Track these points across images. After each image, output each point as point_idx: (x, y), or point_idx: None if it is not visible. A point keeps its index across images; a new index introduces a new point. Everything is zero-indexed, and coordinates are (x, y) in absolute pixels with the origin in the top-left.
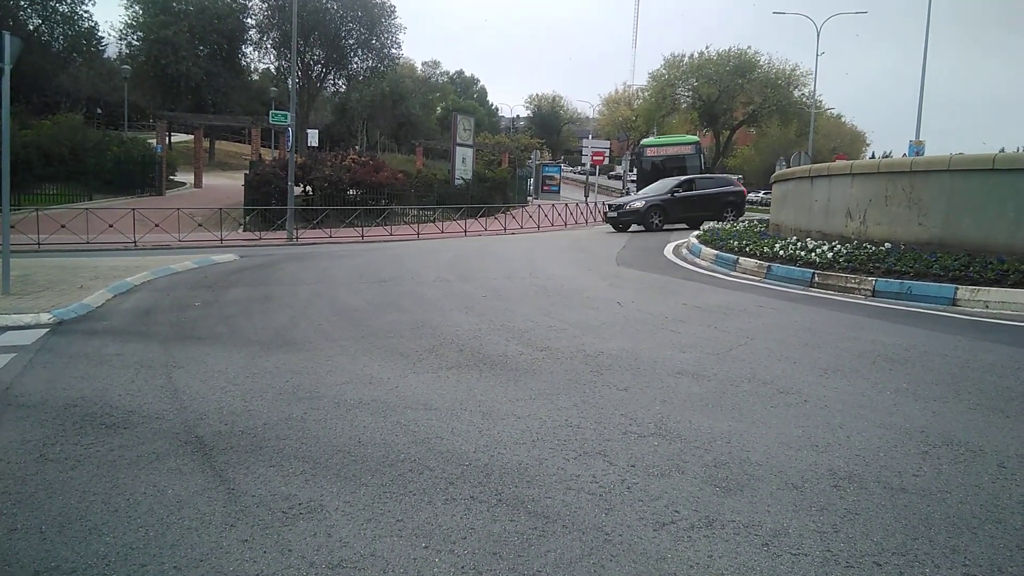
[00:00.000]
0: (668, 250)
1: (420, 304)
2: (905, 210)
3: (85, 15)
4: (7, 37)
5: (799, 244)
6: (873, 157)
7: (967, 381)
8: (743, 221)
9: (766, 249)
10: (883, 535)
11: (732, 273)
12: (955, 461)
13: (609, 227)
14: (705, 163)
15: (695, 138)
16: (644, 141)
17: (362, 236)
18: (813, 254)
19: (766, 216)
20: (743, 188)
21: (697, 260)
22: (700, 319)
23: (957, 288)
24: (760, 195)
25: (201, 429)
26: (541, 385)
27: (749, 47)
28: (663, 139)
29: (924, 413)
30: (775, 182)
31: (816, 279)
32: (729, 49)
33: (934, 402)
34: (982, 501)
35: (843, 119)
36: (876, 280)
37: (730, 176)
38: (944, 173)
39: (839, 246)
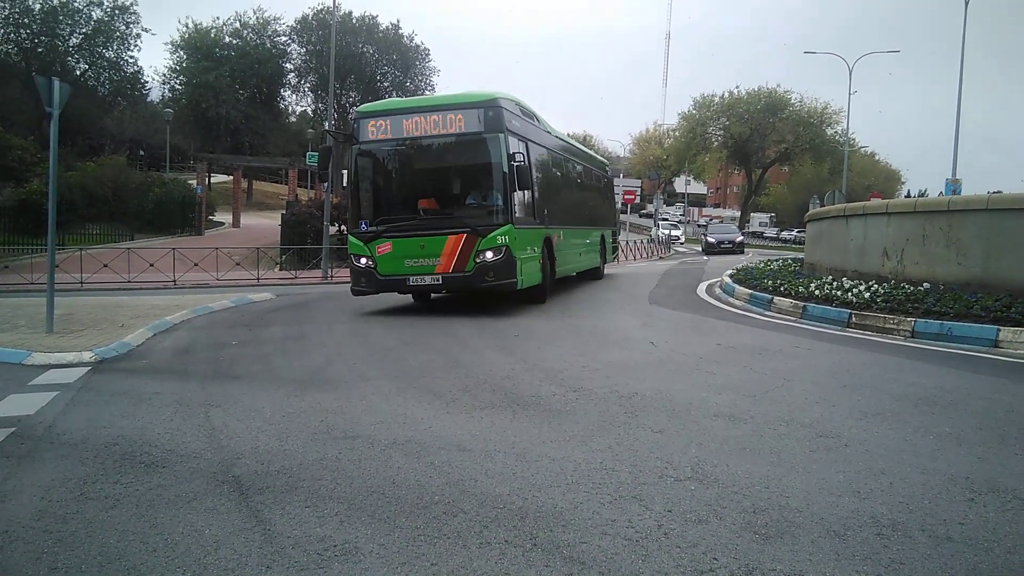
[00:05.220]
0: (701, 289)
1: (453, 342)
2: (943, 250)
3: (131, 60)
4: (56, 83)
5: (835, 283)
6: (908, 195)
7: (1013, 426)
8: (777, 260)
9: (801, 288)
10: None
11: (767, 313)
12: (1002, 509)
13: (640, 265)
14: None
15: (493, 94)
16: (362, 108)
17: None
18: (850, 294)
19: (800, 255)
20: None
21: (731, 299)
22: (735, 360)
23: (999, 329)
24: (794, 233)
25: (238, 469)
26: (575, 427)
27: (779, 85)
28: (410, 101)
29: (969, 459)
30: (809, 221)
31: (853, 319)
32: (760, 88)
33: (979, 447)
34: None
35: (877, 157)
36: (915, 321)
37: None
38: (983, 212)
39: (876, 286)
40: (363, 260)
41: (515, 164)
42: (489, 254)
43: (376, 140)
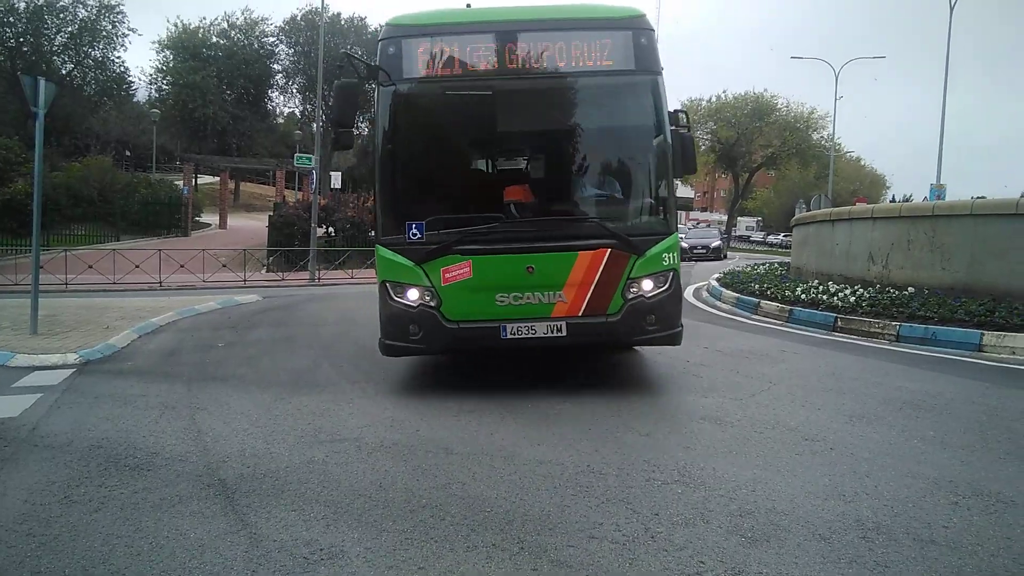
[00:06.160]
0: (688, 292)
1: None
2: (928, 254)
3: (117, 60)
4: (42, 83)
5: (821, 288)
6: (893, 200)
7: (996, 429)
8: (763, 264)
9: (788, 292)
10: None
11: (753, 316)
12: (986, 512)
13: None
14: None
15: (636, 9)
16: (401, 18)
17: None
18: (835, 298)
19: (786, 259)
20: None
21: (718, 303)
22: (722, 363)
23: (983, 334)
24: (780, 237)
25: (224, 472)
26: (562, 430)
27: (765, 90)
28: (490, 12)
29: (953, 462)
30: (795, 225)
31: (839, 323)
32: (747, 92)
33: (963, 451)
34: (1015, 554)
35: (863, 162)
36: (900, 325)
37: None
38: (967, 218)
39: (862, 290)
40: (412, 293)
41: (681, 130)
42: (647, 283)
43: (431, 79)
